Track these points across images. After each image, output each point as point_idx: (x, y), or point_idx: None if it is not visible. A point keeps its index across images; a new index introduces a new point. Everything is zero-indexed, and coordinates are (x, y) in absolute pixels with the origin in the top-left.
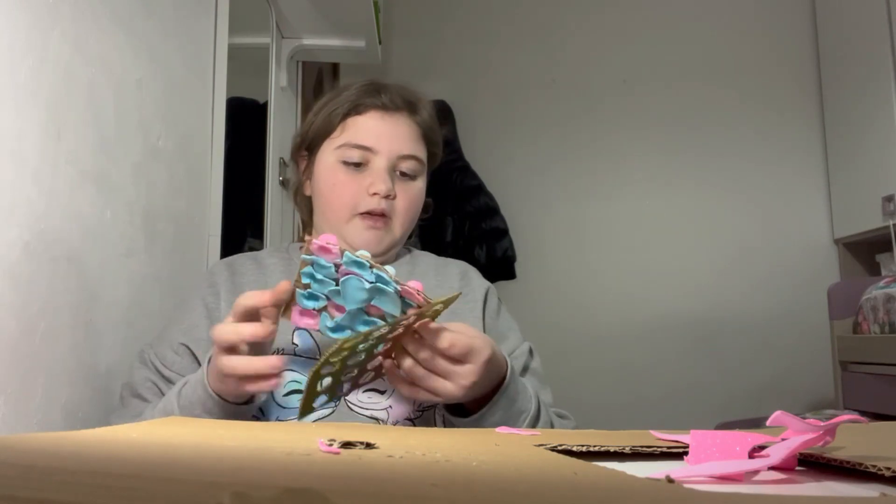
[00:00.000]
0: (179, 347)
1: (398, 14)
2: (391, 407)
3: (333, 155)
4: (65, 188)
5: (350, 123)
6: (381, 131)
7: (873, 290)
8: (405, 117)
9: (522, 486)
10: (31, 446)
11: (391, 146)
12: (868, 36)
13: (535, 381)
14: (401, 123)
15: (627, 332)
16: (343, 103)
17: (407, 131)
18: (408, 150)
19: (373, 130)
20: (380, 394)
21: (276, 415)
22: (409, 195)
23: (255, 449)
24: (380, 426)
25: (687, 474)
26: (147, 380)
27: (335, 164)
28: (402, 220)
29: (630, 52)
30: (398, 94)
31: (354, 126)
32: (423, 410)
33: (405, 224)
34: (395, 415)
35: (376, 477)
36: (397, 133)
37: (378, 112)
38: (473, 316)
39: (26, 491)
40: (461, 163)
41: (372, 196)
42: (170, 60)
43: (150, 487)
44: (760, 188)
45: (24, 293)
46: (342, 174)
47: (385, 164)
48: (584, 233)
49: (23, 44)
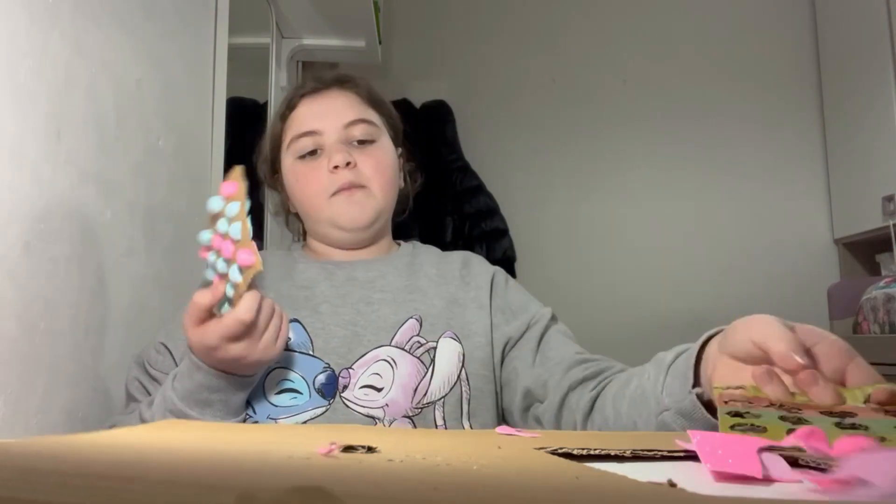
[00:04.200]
0: (160, 346)
1: (398, 14)
2: (388, 405)
3: (289, 156)
4: (65, 188)
5: (289, 121)
6: (317, 111)
7: (873, 290)
8: (337, 90)
9: (524, 490)
10: (32, 449)
11: (333, 121)
12: (868, 36)
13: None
14: (334, 96)
15: (627, 331)
16: (278, 111)
17: (344, 101)
18: (352, 116)
19: (310, 113)
20: (376, 391)
21: (268, 413)
22: (374, 157)
23: (256, 452)
24: (380, 428)
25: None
26: (135, 379)
27: (293, 163)
28: (378, 183)
29: (630, 52)
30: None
31: (293, 119)
32: (422, 408)
33: (384, 187)
34: (391, 412)
35: (377, 481)
36: (334, 106)
37: (308, 98)
38: (477, 305)
39: (27, 493)
40: (461, 163)
41: (333, 172)
42: (170, 60)
43: (151, 491)
44: (760, 188)
45: (24, 293)
46: (301, 167)
47: (335, 138)
48: (584, 233)
49: (23, 44)
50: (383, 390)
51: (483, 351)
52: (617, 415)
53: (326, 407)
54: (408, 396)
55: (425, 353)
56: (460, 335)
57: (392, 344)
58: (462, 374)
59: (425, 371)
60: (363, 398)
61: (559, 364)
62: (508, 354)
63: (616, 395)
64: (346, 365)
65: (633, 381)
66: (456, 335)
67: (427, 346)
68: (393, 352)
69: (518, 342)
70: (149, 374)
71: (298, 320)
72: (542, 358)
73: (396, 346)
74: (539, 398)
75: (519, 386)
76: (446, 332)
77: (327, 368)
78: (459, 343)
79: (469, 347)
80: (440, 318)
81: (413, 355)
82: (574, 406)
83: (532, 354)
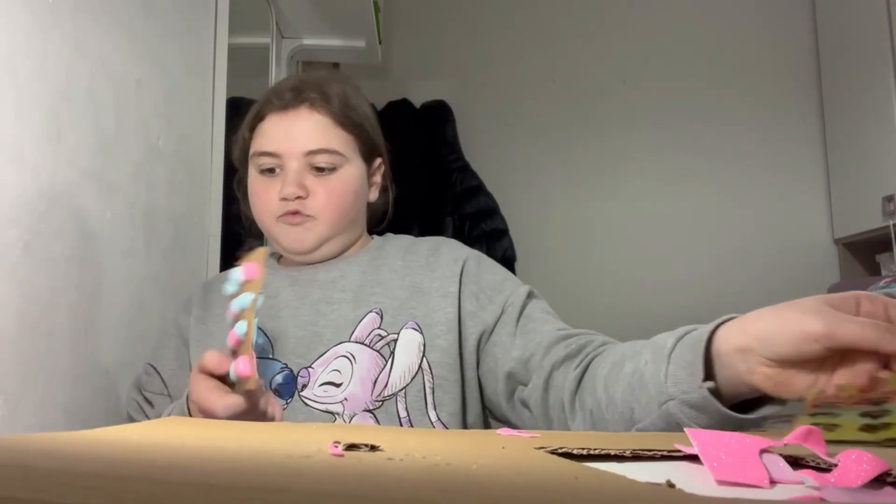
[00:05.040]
0: (148, 367)
1: (398, 14)
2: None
3: (253, 167)
4: (65, 188)
5: (256, 133)
6: (280, 134)
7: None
8: (306, 111)
9: (522, 490)
10: (32, 447)
11: (294, 145)
12: (868, 36)
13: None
14: (302, 119)
15: (627, 331)
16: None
17: (311, 126)
18: (313, 144)
19: (274, 134)
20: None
21: None
22: (327, 189)
23: (254, 451)
24: (381, 427)
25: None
26: (132, 399)
27: (255, 176)
28: (325, 216)
29: (630, 52)
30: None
31: (259, 134)
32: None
33: (330, 219)
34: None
35: (375, 480)
36: (300, 130)
37: (276, 115)
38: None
39: (26, 492)
40: (461, 163)
41: (282, 200)
42: (170, 60)
43: (150, 489)
44: (760, 188)
45: (24, 293)
46: (258, 184)
47: (294, 165)
48: (584, 233)
49: (23, 44)
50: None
51: (445, 339)
52: (610, 400)
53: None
54: (367, 390)
55: (385, 345)
56: (422, 325)
57: (352, 340)
58: (423, 363)
59: (384, 363)
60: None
61: (540, 343)
62: (487, 343)
63: (608, 377)
64: (306, 364)
65: (626, 365)
66: (418, 325)
67: (388, 338)
68: (352, 347)
69: (495, 328)
70: (143, 396)
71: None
72: (521, 339)
73: (356, 341)
74: (522, 380)
75: (500, 372)
76: (408, 323)
77: (284, 368)
78: (421, 333)
79: (430, 336)
80: (402, 310)
81: (373, 349)
82: (559, 385)
83: (510, 337)
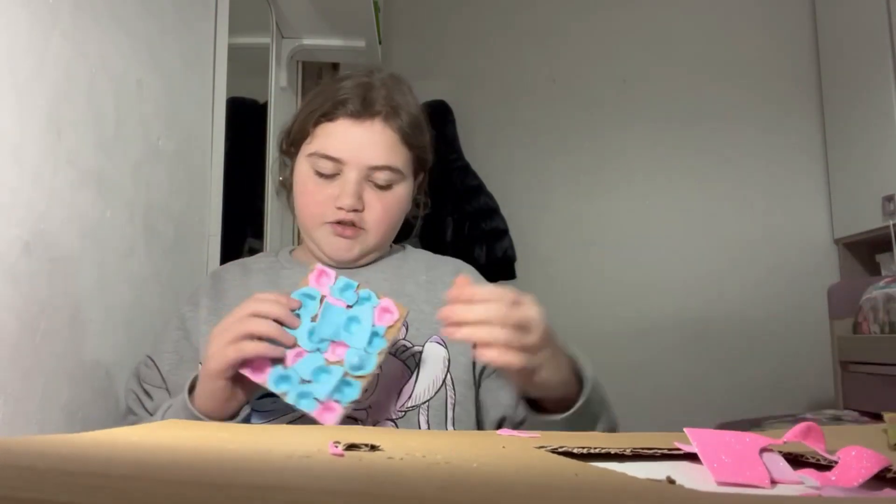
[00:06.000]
0: (148, 360)
1: (398, 14)
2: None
3: (307, 162)
4: (65, 188)
5: (321, 131)
6: (350, 142)
7: (873, 290)
8: (380, 124)
9: (523, 487)
10: (32, 448)
11: (361, 157)
12: (868, 36)
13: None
14: (374, 132)
15: (627, 331)
16: (318, 105)
17: (380, 140)
18: (380, 160)
19: (342, 140)
20: None
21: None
22: (384, 204)
23: (255, 451)
24: (382, 428)
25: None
26: (132, 392)
27: (307, 172)
28: (377, 230)
29: (630, 52)
30: (378, 97)
31: (325, 134)
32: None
33: (381, 233)
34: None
35: (376, 479)
36: (370, 142)
37: (349, 120)
38: None
39: (27, 492)
40: (461, 163)
41: (338, 209)
42: (170, 60)
43: (150, 489)
44: (760, 188)
45: (24, 293)
46: (312, 184)
47: (355, 176)
48: (584, 233)
49: (23, 44)
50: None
51: (466, 357)
52: None
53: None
54: (392, 399)
55: (411, 356)
56: (446, 340)
57: None
58: (448, 378)
59: (410, 374)
60: None
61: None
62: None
63: None
64: None
65: None
66: (442, 340)
67: (412, 350)
68: None
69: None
70: (142, 388)
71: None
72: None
73: None
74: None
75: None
76: (433, 337)
77: None
78: (445, 348)
79: (454, 352)
80: (426, 324)
81: (398, 358)
82: None
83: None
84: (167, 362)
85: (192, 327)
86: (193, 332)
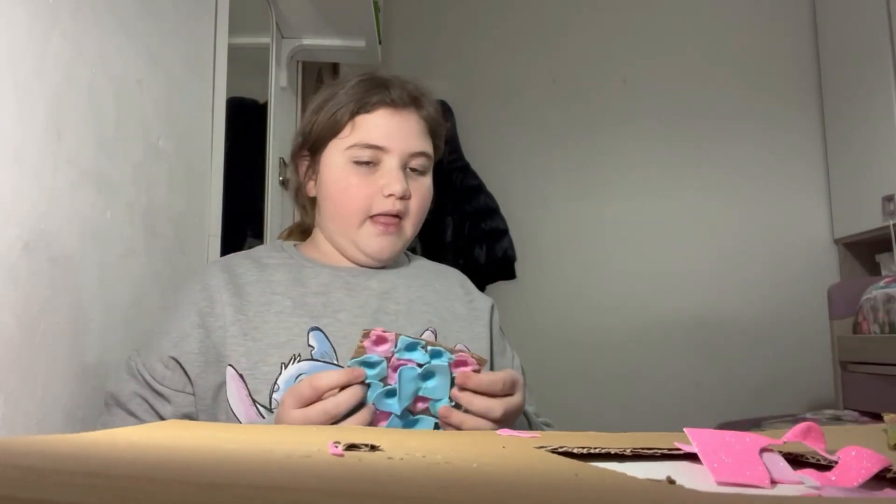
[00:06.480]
0: (170, 361)
1: (398, 14)
2: None
3: (344, 156)
4: (65, 188)
5: (359, 122)
6: (391, 129)
7: (873, 290)
8: (413, 113)
9: (523, 487)
10: (32, 448)
11: (402, 144)
12: (868, 36)
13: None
14: (410, 120)
15: (627, 331)
16: (349, 101)
17: (416, 127)
18: (418, 146)
19: (384, 129)
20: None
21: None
22: (421, 192)
23: (255, 451)
24: (382, 428)
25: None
26: (136, 394)
27: (346, 165)
28: (414, 219)
29: (630, 52)
30: (405, 89)
31: (365, 125)
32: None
33: (416, 224)
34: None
35: (376, 479)
36: (408, 130)
37: (387, 109)
38: (481, 324)
39: (26, 492)
40: (461, 163)
41: (387, 197)
42: (170, 60)
43: (150, 489)
44: (760, 188)
45: (24, 293)
46: (354, 176)
47: (397, 163)
48: (584, 233)
49: (23, 44)
50: None
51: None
52: None
53: None
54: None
55: None
56: (470, 348)
57: None
58: None
59: None
60: None
61: None
62: None
63: None
64: None
65: None
66: (466, 348)
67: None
68: None
69: None
70: (153, 390)
71: (320, 328)
72: None
73: None
74: None
75: None
76: (457, 345)
77: None
78: None
79: None
80: (451, 332)
81: None
82: None
83: None
84: (195, 364)
85: (213, 324)
86: (216, 330)
